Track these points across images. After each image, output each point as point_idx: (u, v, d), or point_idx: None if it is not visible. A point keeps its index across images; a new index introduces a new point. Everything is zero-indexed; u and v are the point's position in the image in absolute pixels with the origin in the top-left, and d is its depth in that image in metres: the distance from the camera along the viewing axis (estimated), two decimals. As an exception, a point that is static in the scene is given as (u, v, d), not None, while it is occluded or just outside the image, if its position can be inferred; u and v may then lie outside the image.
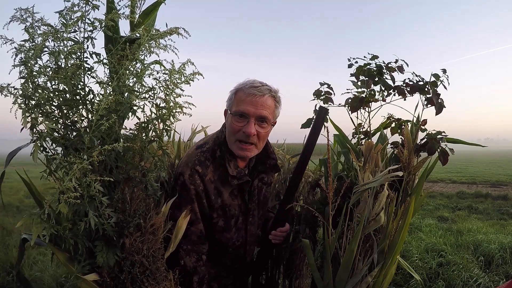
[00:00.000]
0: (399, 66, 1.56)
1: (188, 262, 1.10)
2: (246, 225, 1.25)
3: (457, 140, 1.52)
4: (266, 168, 1.24)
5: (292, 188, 1.19)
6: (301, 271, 1.69)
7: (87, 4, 0.84)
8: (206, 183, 1.11)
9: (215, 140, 1.17)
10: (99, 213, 0.85)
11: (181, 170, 1.12)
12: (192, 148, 1.18)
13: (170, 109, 0.97)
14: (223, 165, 1.13)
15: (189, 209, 1.10)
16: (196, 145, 1.19)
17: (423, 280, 2.70)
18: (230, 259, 1.27)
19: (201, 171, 1.11)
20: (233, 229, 1.21)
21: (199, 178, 1.10)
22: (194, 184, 1.10)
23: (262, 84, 1.11)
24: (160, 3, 1.07)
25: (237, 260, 1.29)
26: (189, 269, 1.10)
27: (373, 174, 1.30)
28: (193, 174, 1.10)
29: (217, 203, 1.15)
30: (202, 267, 1.13)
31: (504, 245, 3.41)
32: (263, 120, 1.10)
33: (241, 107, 1.08)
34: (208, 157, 1.13)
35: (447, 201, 6.84)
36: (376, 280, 1.25)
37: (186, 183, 1.10)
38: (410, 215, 1.28)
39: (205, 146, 1.16)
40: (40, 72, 0.83)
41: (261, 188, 1.28)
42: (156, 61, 0.97)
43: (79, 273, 0.88)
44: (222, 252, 1.24)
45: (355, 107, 1.52)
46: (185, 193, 1.10)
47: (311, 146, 1.14)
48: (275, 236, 1.26)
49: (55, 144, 0.85)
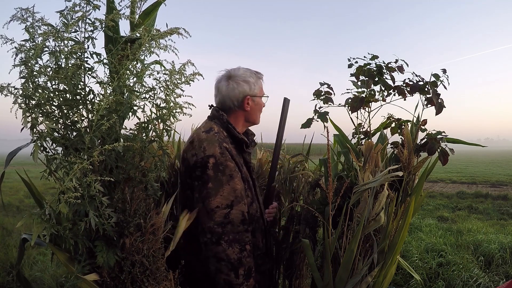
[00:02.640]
0: (399, 66, 1.56)
1: (231, 254, 1.04)
2: (257, 193, 1.28)
3: (457, 140, 1.52)
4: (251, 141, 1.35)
5: (273, 169, 1.40)
6: (301, 271, 1.69)
7: (88, 4, 0.84)
8: (234, 156, 1.15)
9: (216, 124, 1.20)
10: (99, 213, 0.85)
11: (209, 152, 1.09)
12: (202, 135, 1.14)
13: (170, 109, 0.98)
14: (234, 140, 1.21)
15: (229, 189, 1.08)
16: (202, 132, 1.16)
17: (423, 280, 2.70)
18: (260, 235, 1.25)
19: (228, 147, 1.14)
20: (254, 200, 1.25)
21: (228, 154, 1.12)
22: (229, 160, 1.11)
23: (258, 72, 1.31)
24: (160, 3, 1.07)
25: (263, 235, 1.27)
26: (233, 262, 1.04)
27: (373, 174, 1.30)
28: (223, 151, 1.10)
29: (243, 174, 1.18)
30: (247, 258, 1.07)
31: (504, 245, 3.42)
32: None
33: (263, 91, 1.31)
34: (222, 136, 1.16)
35: (447, 201, 6.84)
36: (376, 280, 1.26)
37: (221, 161, 1.09)
38: (410, 215, 1.28)
39: (213, 129, 1.16)
40: (40, 72, 0.83)
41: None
42: (156, 61, 0.97)
43: (79, 273, 0.88)
44: (254, 229, 1.21)
45: (355, 107, 1.52)
46: (221, 173, 1.08)
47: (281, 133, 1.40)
48: (269, 214, 1.36)
49: (55, 144, 0.85)
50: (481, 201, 6.83)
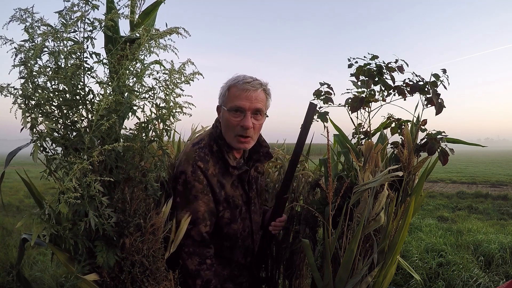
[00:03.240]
0: (399, 66, 1.56)
1: (190, 265, 1.09)
2: (250, 214, 1.27)
3: (457, 140, 1.52)
4: (260, 156, 1.27)
5: (288, 180, 1.25)
6: (301, 271, 1.69)
7: (87, 4, 0.84)
8: (209, 177, 1.13)
9: (210, 136, 1.19)
10: (99, 213, 0.85)
11: (182, 169, 1.11)
12: (188, 147, 1.17)
13: (170, 109, 0.97)
14: (221, 158, 1.16)
15: (192, 209, 1.10)
16: (191, 143, 1.19)
17: (423, 280, 2.70)
18: (241, 253, 1.27)
19: (203, 166, 1.12)
20: (239, 220, 1.23)
21: (201, 174, 1.11)
22: (198, 180, 1.10)
23: (253, 79, 1.15)
24: (160, 3, 1.07)
25: (247, 252, 1.29)
26: (191, 272, 1.09)
27: (373, 174, 1.30)
28: (195, 171, 1.10)
29: (221, 196, 1.16)
30: (206, 271, 1.11)
31: (504, 245, 3.42)
32: (257, 113, 1.15)
33: (237, 102, 1.11)
34: (206, 152, 1.15)
35: (447, 201, 6.84)
36: (376, 280, 1.26)
37: (189, 180, 1.10)
38: (410, 215, 1.28)
39: (201, 143, 1.17)
40: (40, 72, 0.83)
41: (257, 178, 1.33)
42: (156, 61, 0.97)
43: (79, 273, 0.88)
44: (232, 246, 1.23)
45: (355, 107, 1.52)
46: (187, 192, 1.10)
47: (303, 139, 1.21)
48: (275, 227, 1.29)
49: (55, 144, 0.85)
50: (481, 201, 6.83)
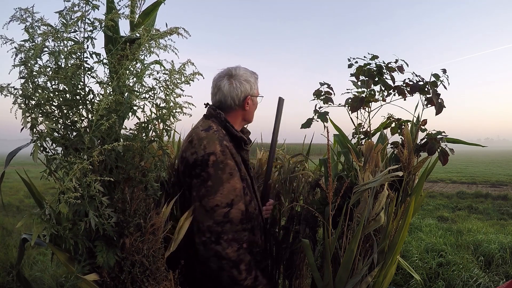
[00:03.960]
0: (399, 66, 1.56)
1: (231, 253, 1.05)
2: (255, 191, 1.29)
3: (457, 140, 1.52)
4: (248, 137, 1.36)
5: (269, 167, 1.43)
6: (301, 271, 1.69)
7: (87, 4, 0.84)
8: (234, 155, 1.15)
9: (215, 122, 1.20)
10: (99, 213, 0.85)
11: (209, 150, 1.09)
12: (201, 133, 1.14)
13: (170, 109, 0.98)
14: (233, 138, 1.21)
15: (229, 188, 1.08)
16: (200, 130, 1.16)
17: (423, 280, 2.70)
18: (259, 232, 1.27)
19: (228, 145, 1.14)
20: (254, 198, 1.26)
21: (229, 152, 1.12)
22: (229, 158, 1.11)
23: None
24: (160, 3, 1.07)
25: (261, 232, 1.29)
26: (234, 260, 1.06)
27: (373, 174, 1.30)
28: (224, 149, 1.11)
29: (242, 173, 1.18)
30: (246, 254, 1.10)
31: (504, 245, 3.42)
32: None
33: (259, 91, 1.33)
34: (221, 134, 1.17)
35: (447, 201, 6.84)
36: (376, 280, 1.26)
37: (221, 159, 1.09)
38: (410, 215, 1.28)
39: (212, 127, 1.16)
40: (40, 72, 0.83)
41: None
42: (156, 61, 0.97)
43: (79, 273, 0.88)
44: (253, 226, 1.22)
45: (355, 107, 1.52)
46: (221, 172, 1.08)
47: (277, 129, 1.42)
48: (266, 211, 1.40)
49: (55, 144, 0.85)
50: (481, 201, 6.83)
